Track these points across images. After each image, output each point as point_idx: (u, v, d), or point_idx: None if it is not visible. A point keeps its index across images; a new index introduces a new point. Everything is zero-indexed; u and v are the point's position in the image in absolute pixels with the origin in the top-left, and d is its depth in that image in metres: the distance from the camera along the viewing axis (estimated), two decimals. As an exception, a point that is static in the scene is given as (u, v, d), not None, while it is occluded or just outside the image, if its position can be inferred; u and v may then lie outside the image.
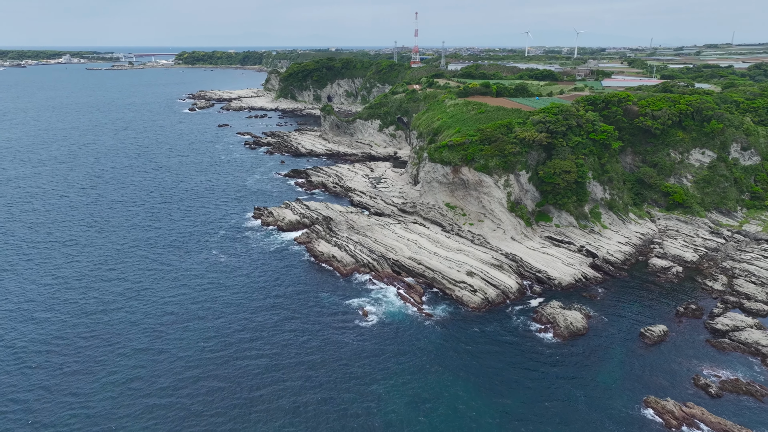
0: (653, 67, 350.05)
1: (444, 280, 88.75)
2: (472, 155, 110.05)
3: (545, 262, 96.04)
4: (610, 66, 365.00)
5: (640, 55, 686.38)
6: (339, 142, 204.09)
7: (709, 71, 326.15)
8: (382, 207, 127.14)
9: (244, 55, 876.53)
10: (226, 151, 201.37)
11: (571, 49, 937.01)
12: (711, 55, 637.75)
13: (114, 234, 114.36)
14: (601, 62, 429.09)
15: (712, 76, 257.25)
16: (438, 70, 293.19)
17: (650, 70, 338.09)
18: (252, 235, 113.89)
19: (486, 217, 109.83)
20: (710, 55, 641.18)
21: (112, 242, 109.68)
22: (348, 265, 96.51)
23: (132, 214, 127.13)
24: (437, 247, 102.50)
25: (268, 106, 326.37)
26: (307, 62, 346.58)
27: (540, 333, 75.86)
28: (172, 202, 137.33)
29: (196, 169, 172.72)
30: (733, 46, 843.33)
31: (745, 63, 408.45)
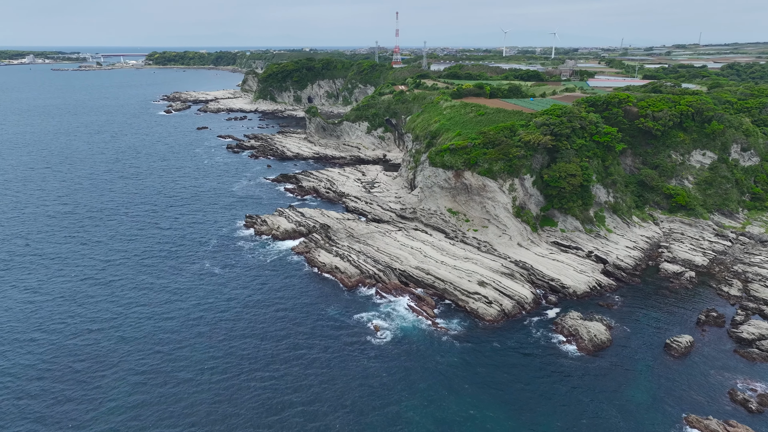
0: (634, 67, 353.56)
1: (456, 292, 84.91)
2: (475, 159, 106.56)
3: (557, 269, 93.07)
4: (588, 66, 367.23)
5: (612, 55, 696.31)
6: (325, 144, 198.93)
7: (685, 71, 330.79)
8: (379, 213, 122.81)
9: (217, 55, 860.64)
10: (208, 155, 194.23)
11: (544, 48, 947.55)
12: (681, 55, 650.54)
13: (98, 246, 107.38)
14: (578, 62, 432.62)
15: (695, 75, 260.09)
16: (421, 71, 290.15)
17: (629, 70, 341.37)
18: (246, 245, 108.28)
19: (490, 222, 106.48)
20: (680, 55, 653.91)
21: (96, 255, 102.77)
22: (353, 276, 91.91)
23: (116, 224, 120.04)
24: (443, 255, 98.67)
25: (247, 107, 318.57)
26: (287, 63, 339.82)
27: (563, 346, 72.60)
28: (156, 210, 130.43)
29: (178, 174, 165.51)
30: (701, 47, 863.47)
31: (717, 63, 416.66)
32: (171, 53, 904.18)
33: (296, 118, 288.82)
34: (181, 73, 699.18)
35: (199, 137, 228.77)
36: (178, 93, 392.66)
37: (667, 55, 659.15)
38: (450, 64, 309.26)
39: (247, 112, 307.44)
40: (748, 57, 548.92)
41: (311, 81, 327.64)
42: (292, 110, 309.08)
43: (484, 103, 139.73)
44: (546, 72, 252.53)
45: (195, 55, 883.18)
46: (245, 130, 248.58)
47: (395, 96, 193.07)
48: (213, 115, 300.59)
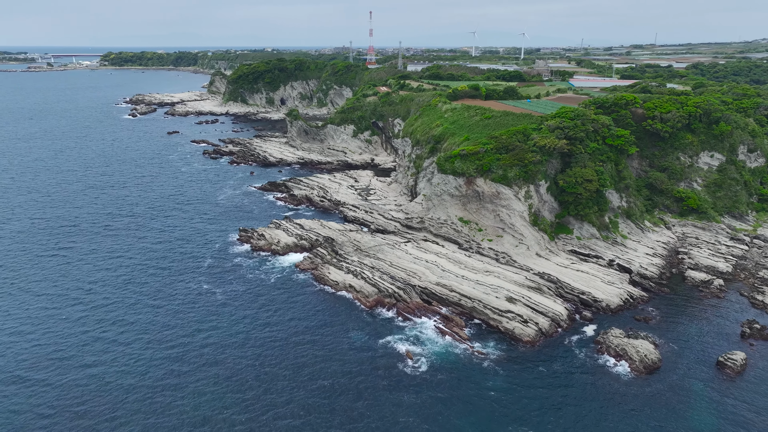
0: (604, 67, 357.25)
1: (487, 310, 79.06)
2: (489, 165, 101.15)
3: (584, 281, 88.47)
4: (559, 66, 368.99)
5: (576, 54, 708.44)
6: (309, 149, 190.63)
7: (652, 71, 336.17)
8: (382, 223, 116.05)
9: (177, 55, 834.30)
10: (184, 161, 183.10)
11: (507, 49, 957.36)
12: (641, 54, 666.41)
13: (78, 268, 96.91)
14: (548, 62, 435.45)
15: (673, 75, 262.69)
16: (398, 71, 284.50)
17: (601, 70, 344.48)
18: (244, 263, 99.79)
19: (505, 231, 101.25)
20: (641, 54, 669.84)
21: (78, 280, 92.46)
22: (370, 295, 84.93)
23: (96, 242, 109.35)
24: (462, 268, 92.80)
25: (217, 110, 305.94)
26: (257, 63, 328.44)
27: (613, 368, 67.69)
28: (139, 224, 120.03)
29: (156, 183, 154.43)
30: (657, 47, 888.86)
31: (680, 63, 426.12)
32: (128, 54, 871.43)
33: (271, 120, 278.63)
34: (140, 75, 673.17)
35: (171, 142, 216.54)
36: (140, 95, 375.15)
37: (627, 55, 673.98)
38: (427, 64, 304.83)
39: (217, 115, 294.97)
40: (703, 57, 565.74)
41: (283, 82, 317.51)
42: (265, 113, 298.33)
43: (481, 105, 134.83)
44: (527, 72, 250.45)
45: (153, 55, 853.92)
46: (219, 134, 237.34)
47: (381, 98, 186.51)
48: (182, 118, 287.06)
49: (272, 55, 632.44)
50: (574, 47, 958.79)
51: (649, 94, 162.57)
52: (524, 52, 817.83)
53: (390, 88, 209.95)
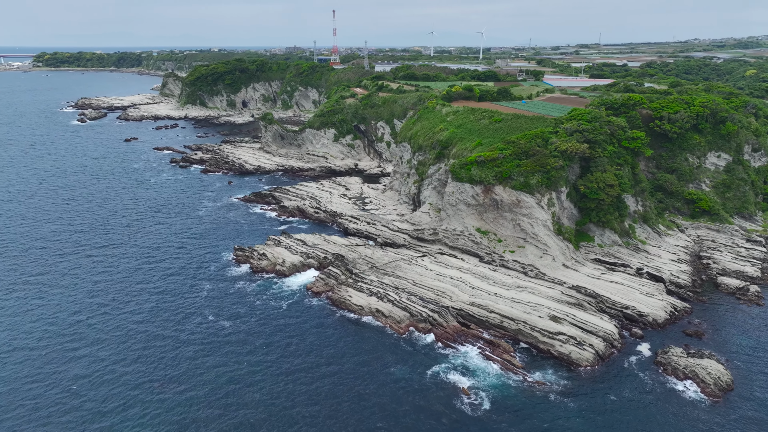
0: (568, 66, 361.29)
1: (535, 332, 72.71)
2: (509, 172, 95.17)
3: (623, 293, 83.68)
4: (521, 65, 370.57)
5: (528, 54, 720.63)
6: (286, 155, 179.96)
7: (609, 70, 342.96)
8: (389, 235, 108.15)
9: (119, 56, 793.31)
10: (150, 171, 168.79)
11: (458, 48, 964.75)
12: (590, 53, 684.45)
13: (57, 298, 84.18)
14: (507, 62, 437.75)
15: (643, 75, 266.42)
16: (366, 72, 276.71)
17: (564, 69, 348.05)
18: (248, 287, 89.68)
19: (527, 242, 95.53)
20: (588, 53, 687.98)
21: (59, 311, 79.96)
22: (402, 320, 77.02)
23: (72, 268, 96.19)
24: (491, 284, 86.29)
25: (175, 114, 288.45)
26: (216, 64, 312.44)
27: (685, 392, 62.68)
28: (116, 244, 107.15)
29: (126, 197, 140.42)
30: (602, 46, 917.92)
31: (634, 62, 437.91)
32: (64, 54, 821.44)
33: (236, 124, 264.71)
34: (80, 76, 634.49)
35: (131, 150, 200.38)
36: (86, 99, 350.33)
37: (576, 54, 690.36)
38: (394, 64, 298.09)
39: (176, 119, 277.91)
40: (648, 56, 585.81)
41: (245, 84, 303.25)
42: (227, 116, 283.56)
43: (478, 107, 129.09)
44: (501, 72, 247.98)
45: (93, 56, 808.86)
46: (183, 140, 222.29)
47: (362, 100, 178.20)
48: (137, 123, 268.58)
49: (222, 56, 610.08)
50: (524, 47, 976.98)
51: (632, 92, 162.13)
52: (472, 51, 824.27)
53: (366, 90, 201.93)
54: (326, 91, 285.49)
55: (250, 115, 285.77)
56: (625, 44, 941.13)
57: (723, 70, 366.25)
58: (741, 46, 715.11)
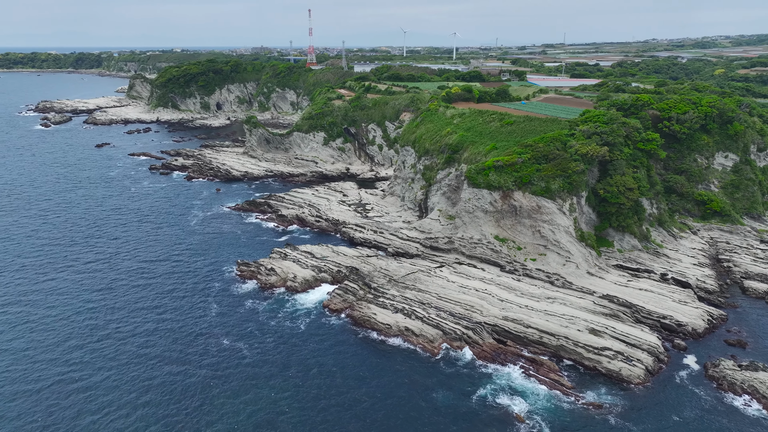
0: (542, 66, 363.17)
1: (579, 348, 68.81)
2: (529, 177, 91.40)
3: (655, 302, 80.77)
4: (496, 65, 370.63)
5: (495, 53, 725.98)
6: (273, 159, 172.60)
7: (582, 69, 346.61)
8: (399, 244, 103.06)
9: (77, 57, 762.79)
10: (130, 179, 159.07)
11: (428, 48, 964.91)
12: (557, 53, 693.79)
13: (49, 327, 75.88)
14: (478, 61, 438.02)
15: (624, 74, 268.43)
16: (346, 73, 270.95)
17: (539, 69, 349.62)
18: (259, 306, 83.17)
19: (548, 249, 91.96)
20: (555, 53, 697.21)
21: (52, 342, 71.86)
22: (435, 339, 72.06)
23: (60, 287, 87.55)
24: (519, 296, 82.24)
25: (146, 117, 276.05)
26: (188, 65, 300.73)
27: (747, 409, 59.71)
28: (108, 261, 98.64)
29: (106, 207, 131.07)
30: (567, 46, 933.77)
31: (604, 62, 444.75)
32: (17, 55, 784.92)
33: (212, 128, 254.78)
34: (35, 78, 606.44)
35: (104, 156, 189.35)
36: (47, 102, 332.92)
37: (543, 54, 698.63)
38: (375, 65, 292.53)
39: (147, 123, 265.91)
40: (615, 55, 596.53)
41: (219, 85, 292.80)
42: (202, 119, 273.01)
43: (480, 108, 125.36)
44: (485, 72, 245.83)
45: (48, 56, 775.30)
46: (158, 145, 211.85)
47: (352, 102, 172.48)
48: (106, 127, 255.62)
49: (186, 56, 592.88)
50: (490, 46, 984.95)
51: (625, 93, 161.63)
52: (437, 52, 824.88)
53: (352, 91, 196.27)
54: (304, 93, 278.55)
55: (226, 118, 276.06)
56: (589, 44, 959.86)
57: (690, 69, 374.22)
58: (699, 46, 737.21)
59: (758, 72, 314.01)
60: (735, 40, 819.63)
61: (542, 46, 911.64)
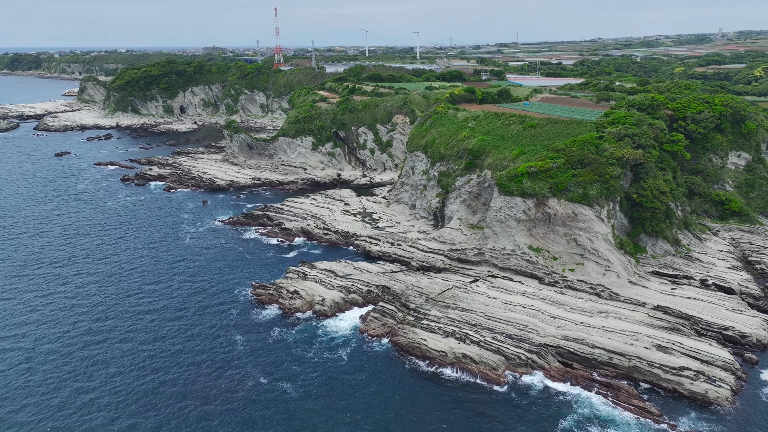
0: (507, 65, 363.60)
1: (655, 369, 64.07)
2: (565, 183, 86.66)
3: (709, 311, 77.33)
4: (463, 65, 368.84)
5: (453, 52, 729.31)
6: (257, 166, 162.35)
7: (547, 68, 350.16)
8: (422, 257, 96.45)
9: (12, 58, 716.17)
10: (102, 191, 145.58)
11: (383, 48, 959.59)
12: (515, 52, 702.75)
13: (48, 371, 65.05)
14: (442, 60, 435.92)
15: (601, 73, 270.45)
16: (318, 73, 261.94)
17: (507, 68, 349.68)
18: (288, 335, 74.76)
19: (585, 258, 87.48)
20: (514, 52, 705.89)
21: (52, 387, 61.32)
22: (498, 366, 65.84)
23: (51, 320, 76.09)
24: (568, 311, 77.19)
25: (104, 122, 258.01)
26: (148, 66, 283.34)
27: None
28: (99, 286, 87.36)
29: (84, 224, 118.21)
30: (520, 45, 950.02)
31: (567, 60, 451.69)
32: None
33: (179, 133, 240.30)
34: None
35: (67, 167, 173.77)
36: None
37: (499, 53, 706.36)
38: (346, 64, 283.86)
39: (107, 129, 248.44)
40: (568, 53, 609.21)
41: (182, 88, 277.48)
42: (166, 123, 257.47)
43: (479, 109, 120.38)
44: (466, 72, 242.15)
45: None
46: (125, 153, 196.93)
47: (340, 105, 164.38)
48: (61, 135, 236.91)
49: (134, 57, 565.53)
50: (445, 46, 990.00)
51: (613, 92, 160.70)
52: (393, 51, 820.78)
53: (334, 93, 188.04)
54: (274, 94, 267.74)
55: (193, 122, 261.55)
56: (542, 43, 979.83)
57: (648, 68, 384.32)
58: (645, 45, 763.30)
59: (715, 70, 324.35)
60: (676, 39, 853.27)
61: (496, 45, 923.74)
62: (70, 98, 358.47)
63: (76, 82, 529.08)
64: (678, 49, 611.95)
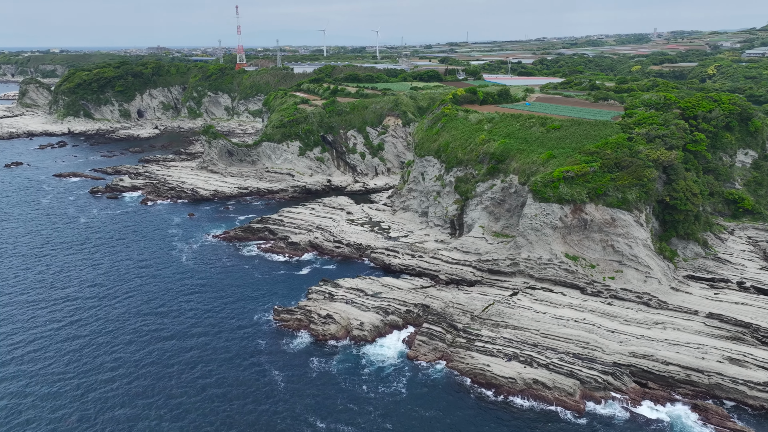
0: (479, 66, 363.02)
1: (740, 386, 60.48)
2: (604, 188, 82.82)
3: (763, 317, 75.13)
4: (426, 64, 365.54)
5: (407, 51, 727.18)
6: (240, 174, 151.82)
7: (508, 67, 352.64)
8: (449, 270, 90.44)
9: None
10: (71, 206, 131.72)
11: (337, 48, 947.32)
12: (470, 51, 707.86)
13: (57, 421, 55.02)
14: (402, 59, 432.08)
15: (574, 72, 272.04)
16: (287, 74, 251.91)
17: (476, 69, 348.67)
18: (330, 366, 67.13)
19: (623, 265, 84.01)
20: (469, 51, 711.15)
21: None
22: (574, 391, 60.62)
23: (54, 369, 65.28)
24: (623, 323, 73.17)
25: (54, 129, 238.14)
26: (102, 68, 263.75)
27: None
28: (99, 317, 76.55)
29: (62, 244, 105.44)
30: (470, 44, 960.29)
31: (527, 60, 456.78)
32: None
33: (141, 139, 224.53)
34: None
35: (23, 179, 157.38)
36: None
37: (452, 52, 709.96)
38: (315, 65, 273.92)
39: (58, 136, 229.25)
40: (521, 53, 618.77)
41: (139, 90, 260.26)
42: (125, 129, 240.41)
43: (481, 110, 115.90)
44: (445, 71, 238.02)
45: None
46: (85, 162, 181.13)
47: (327, 107, 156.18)
48: (7, 143, 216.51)
49: (75, 58, 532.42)
50: (396, 45, 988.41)
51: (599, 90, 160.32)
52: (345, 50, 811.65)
53: (311, 94, 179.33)
54: (240, 96, 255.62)
55: (154, 127, 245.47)
56: (491, 42, 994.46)
57: (604, 66, 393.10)
58: (590, 44, 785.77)
59: (669, 68, 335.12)
60: (617, 38, 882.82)
61: (447, 45, 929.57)
62: (7, 102, 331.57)
63: (11, 84, 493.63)
64: (623, 48, 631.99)
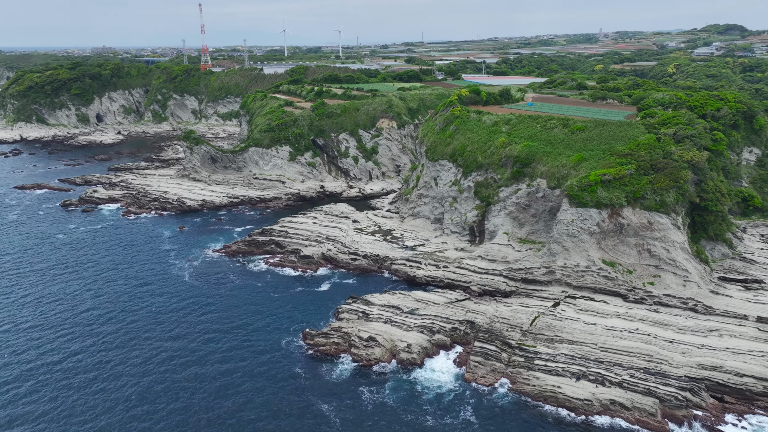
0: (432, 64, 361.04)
1: (820, 396, 58.48)
2: (642, 191, 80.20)
3: (811, 319, 74.11)
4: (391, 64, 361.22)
5: (366, 51, 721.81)
6: (226, 182, 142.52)
7: (473, 66, 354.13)
8: (480, 280, 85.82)
9: None
10: (43, 221, 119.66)
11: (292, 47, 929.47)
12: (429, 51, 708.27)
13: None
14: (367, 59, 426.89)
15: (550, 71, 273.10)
16: (258, 74, 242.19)
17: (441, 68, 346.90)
18: (383, 396, 61.25)
19: (660, 269, 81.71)
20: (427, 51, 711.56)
21: None
22: (654, 412, 56.92)
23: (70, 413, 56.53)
24: (678, 332, 70.46)
25: (5, 136, 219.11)
26: (56, 69, 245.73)
27: None
28: (110, 346, 67.70)
29: (45, 265, 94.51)
30: (426, 44, 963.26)
31: (490, 59, 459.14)
32: None
33: (105, 145, 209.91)
34: None
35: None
36: None
37: (410, 51, 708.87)
38: (286, 65, 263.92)
39: (10, 143, 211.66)
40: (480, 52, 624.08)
41: (98, 93, 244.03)
42: (85, 135, 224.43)
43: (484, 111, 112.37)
44: (421, 71, 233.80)
45: None
46: (47, 171, 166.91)
47: (316, 110, 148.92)
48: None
49: (14, 59, 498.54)
50: (352, 45, 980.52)
51: (586, 90, 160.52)
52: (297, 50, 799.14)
53: (294, 96, 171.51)
54: (208, 99, 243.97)
55: (116, 132, 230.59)
56: (447, 42, 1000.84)
57: (566, 65, 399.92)
58: (544, 44, 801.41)
59: (631, 67, 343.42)
60: (567, 38, 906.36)
61: (404, 45, 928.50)
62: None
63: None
64: (576, 48, 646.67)
